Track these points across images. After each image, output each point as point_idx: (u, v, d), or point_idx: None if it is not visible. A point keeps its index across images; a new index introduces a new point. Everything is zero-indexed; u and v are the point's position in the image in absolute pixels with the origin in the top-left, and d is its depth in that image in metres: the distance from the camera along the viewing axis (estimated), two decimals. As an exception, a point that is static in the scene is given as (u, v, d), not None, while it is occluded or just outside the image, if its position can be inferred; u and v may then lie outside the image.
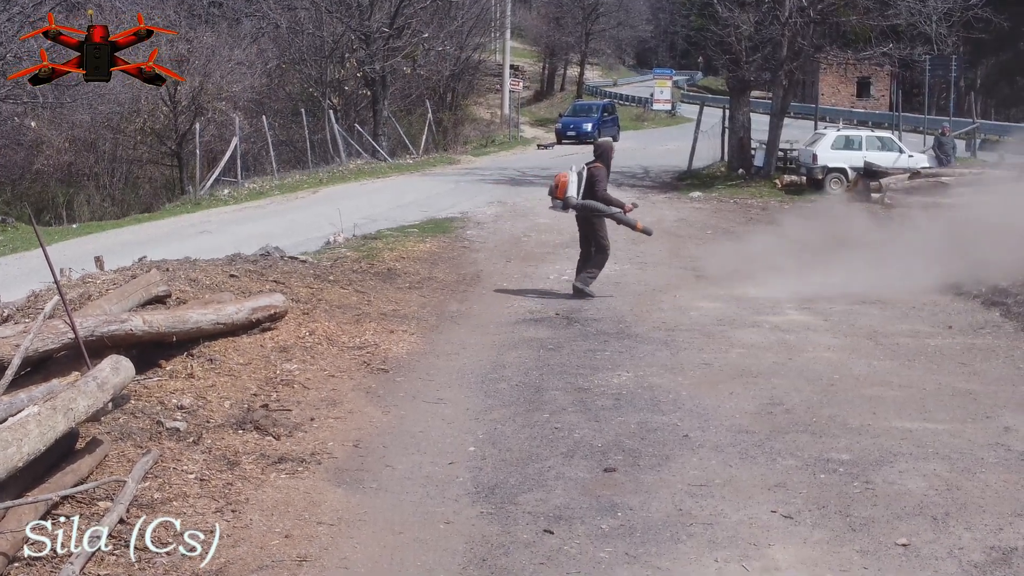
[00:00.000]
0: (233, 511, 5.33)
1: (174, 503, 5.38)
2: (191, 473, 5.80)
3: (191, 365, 7.73)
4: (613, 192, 12.49)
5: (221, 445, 6.29)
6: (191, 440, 6.34)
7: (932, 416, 7.10)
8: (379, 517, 5.39)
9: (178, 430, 6.52)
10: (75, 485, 5.34)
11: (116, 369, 5.83)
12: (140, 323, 7.37)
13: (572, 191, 11.62)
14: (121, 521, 5.08)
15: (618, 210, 11.79)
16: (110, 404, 5.95)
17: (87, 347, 6.75)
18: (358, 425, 6.92)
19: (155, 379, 7.49)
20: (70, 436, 5.64)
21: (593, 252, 11.83)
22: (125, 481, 5.24)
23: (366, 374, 8.17)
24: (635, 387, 7.82)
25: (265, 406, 7.11)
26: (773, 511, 5.43)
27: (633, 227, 11.98)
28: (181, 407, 6.92)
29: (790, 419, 7.01)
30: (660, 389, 7.75)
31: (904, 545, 4.99)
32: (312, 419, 6.93)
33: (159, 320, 7.62)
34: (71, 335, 6.73)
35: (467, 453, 6.42)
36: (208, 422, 6.70)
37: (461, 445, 6.57)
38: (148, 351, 7.73)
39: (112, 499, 5.30)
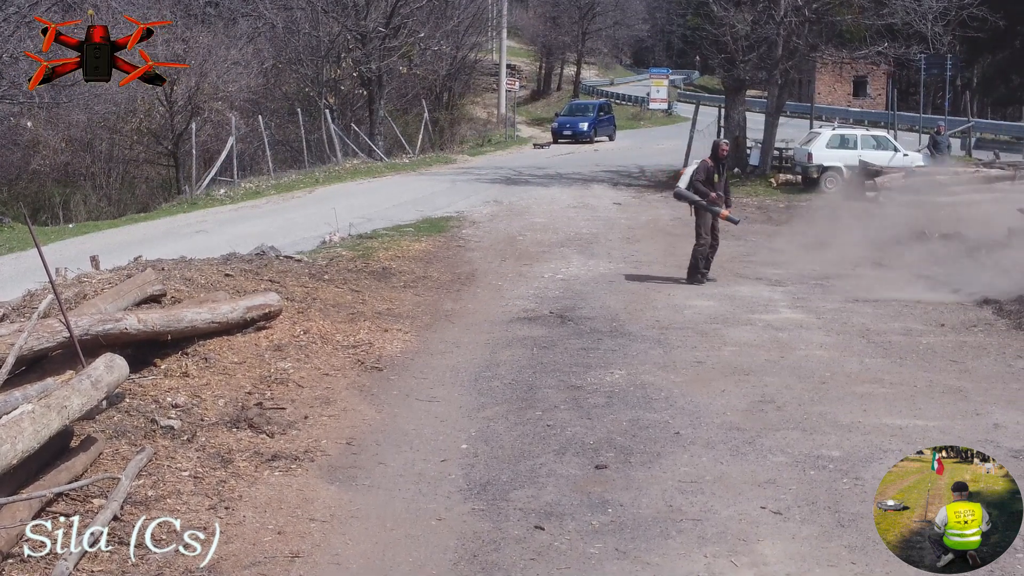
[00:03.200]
0: (226, 508, 5.37)
1: (168, 500, 5.41)
2: (185, 471, 5.84)
3: (186, 363, 7.77)
4: (613, 191, 12.63)
5: (215, 443, 6.33)
6: (185, 438, 6.37)
7: (922, 413, 7.15)
8: (371, 514, 5.43)
9: (172, 428, 6.56)
10: (69, 483, 5.38)
11: (110, 368, 5.87)
12: (135, 322, 7.41)
13: (681, 182, 12.62)
14: (115, 518, 5.13)
15: (699, 199, 12.33)
16: (104, 402, 5.98)
17: (82, 346, 6.79)
18: (351, 423, 6.96)
19: (150, 378, 7.53)
20: (64, 434, 5.68)
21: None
22: (119, 479, 5.26)
23: (360, 372, 8.20)
24: (627, 385, 7.86)
25: (259, 404, 7.15)
26: (763, 507, 5.48)
27: (718, 215, 12.40)
28: (175, 405, 6.96)
29: (781, 416, 7.06)
30: (652, 387, 7.79)
31: (892, 540, 5.02)
32: (306, 417, 6.97)
33: (154, 319, 7.65)
34: (66, 334, 6.77)
35: (459, 451, 6.46)
36: (202, 420, 6.74)
37: (454, 443, 6.61)
38: (143, 350, 7.77)
39: (107, 497, 5.34)
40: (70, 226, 22.52)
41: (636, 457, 6.26)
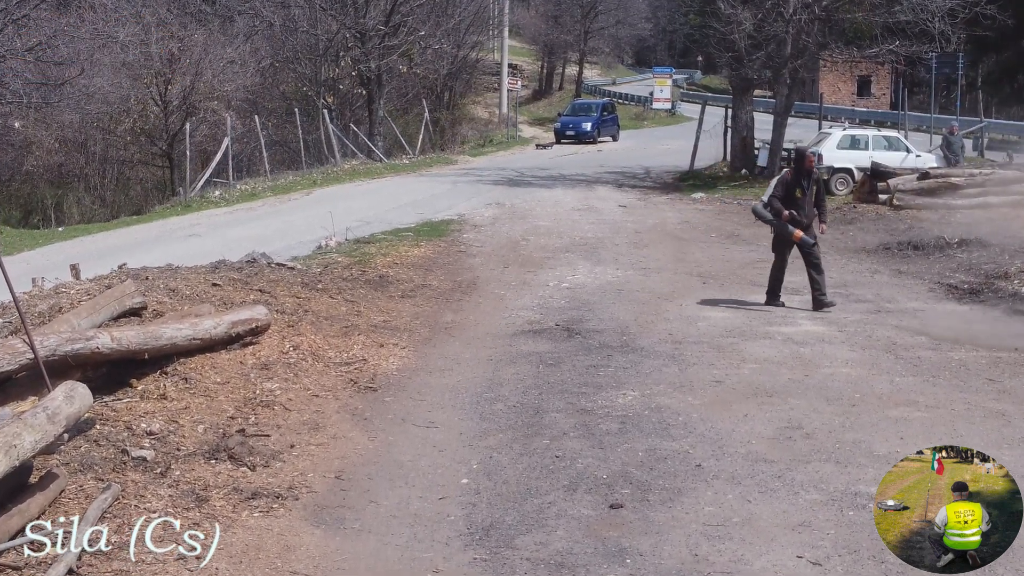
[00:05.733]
0: (197, 558, 4.78)
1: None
2: (155, 512, 5.24)
3: (164, 385, 7.18)
4: (618, 193, 11.95)
5: (190, 477, 5.74)
6: (158, 472, 5.78)
7: (965, 441, 6.51)
8: (360, 565, 4.84)
9: (144, 460, 5.96)
10: (20, 530, 4.80)
11: (70, 398, 5.28)
12: (108, 340, 6.82)
13: (764, 195, 11.30)
14: (71, 572, 4.55)
15: (772, 218, 11.01)
16: (65, 436, 5.41)
17: (50, 367, 6.23)
18: (342, 453, 6.37)
19: (124, 400, 6.94)
20: (21, 471, 5.10)
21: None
22: (70, 533, 4.67)
23: (353, 393, 7.61)
24: (642, 408, 7.26)
25: (242, 431, 6.55)
26: (799, 556, 4.89)
27: (790, 236, 10.92)
28: (150, 433, 6.37)
29: (811, 445, 6.46)
30: (669, 410, 7.19)
31: (949, 599, 4.43)
32: (292, 446, 6.38)
33: (129, 336, 7.06)
34: (30, 355, 6.19)
35: (460, 486, 5.86)
36: (178, 450, 6.15)
37: (453, 477, 6.01)
38: (120, 368, 7.19)
39: (64, 543, 4.75)
40: (59, 229, 21.96)
41: (655, 494, 5.66)
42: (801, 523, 5.27)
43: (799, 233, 10.83)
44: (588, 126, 41.80)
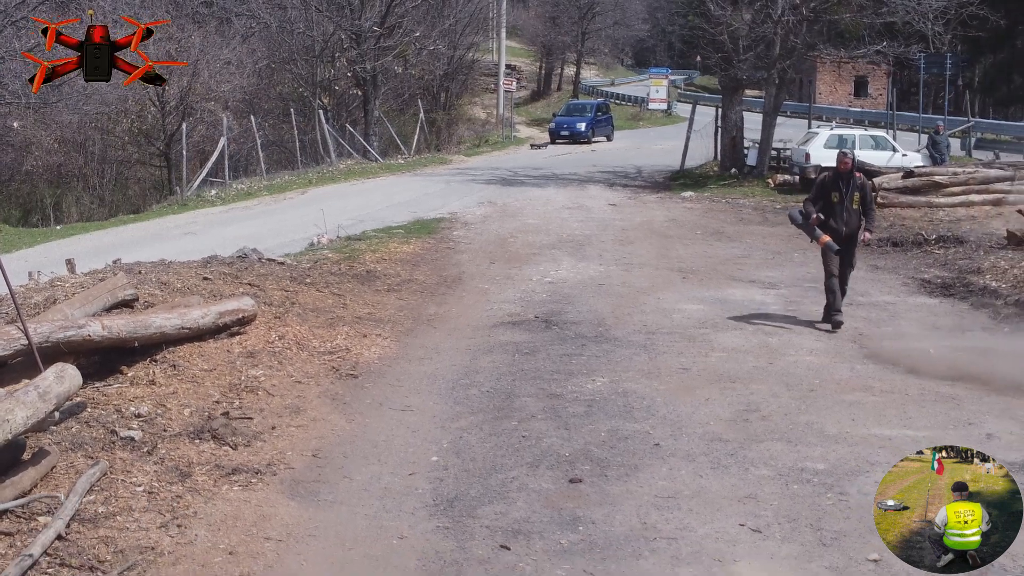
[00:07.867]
0: (178, 526, 5.12)
1: (117, 518, 5.16)
2: (140, 485, 5.59)
3: (153, 371, 7.52)
4: (609, 191, 12.18)
5: (175, 455, 6.08)
6: (145, 450, 6.12)
7: (913, 423, 6.88)
8: (330, 532, 5.18)
9: (132, 439, 6.31)
10: (15, 499, 5.14)
11: (60, 378, 5.61)
12: (99, 328, 7.16)
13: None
14: (59, 537, 4.89)
15: (802, 220, 10.33)
16: (56, 414, 5.73)
17: (43, 353, 6.55)
18: (320, 434, 6.71)
19: (115, 386, 7.29)
20: (14, 447, 5.44)
21: None
22: (58, 496, 5.01)
23: (334, 380, 7.95)
24: (609, 393, 7.60)
25: (226, 414, 6.90)
26: (741, 524, 5.23)
27: (817, 240, 10.20)
28: (138, 415, 6.72)
29: (766, 426, 6.80)
30: (634, 395, 7.53)
31: (875, 561, 4.78)
32: (273, 427, 6.72)
33: (119, 325, 7.40)
34: (24, 341, 6.53)
35: (429, 463, 6.20)
36: (165, 431, 6.49)
37: (424, 455, 6.35)
38: (111, 356, 7.54)
39: (52, 514, 5.09)
40: (57, 228, 22.29)
41: (613, 470, 6.01)
42: (747, 495, 5.61)
43: (825, 238, 10.06)
44: (583, 126, 42.05)
